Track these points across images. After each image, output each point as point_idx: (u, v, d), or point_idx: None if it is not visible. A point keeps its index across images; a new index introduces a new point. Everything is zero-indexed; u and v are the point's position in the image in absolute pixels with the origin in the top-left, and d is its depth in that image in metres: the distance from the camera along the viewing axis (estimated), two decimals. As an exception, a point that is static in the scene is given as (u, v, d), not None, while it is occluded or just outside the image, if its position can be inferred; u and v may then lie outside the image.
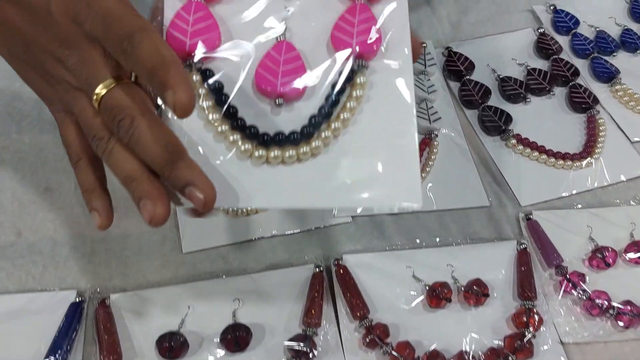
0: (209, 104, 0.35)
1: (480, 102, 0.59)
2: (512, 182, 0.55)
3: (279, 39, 0.37)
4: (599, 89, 0.62)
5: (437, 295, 0.46)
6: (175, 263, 0.48)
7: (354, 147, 0.36)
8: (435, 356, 0.44)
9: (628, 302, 0.47)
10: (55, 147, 0.53)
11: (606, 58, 0.64)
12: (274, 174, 0.35)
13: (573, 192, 0.55)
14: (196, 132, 0.35)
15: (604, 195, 0.55)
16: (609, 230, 0.52)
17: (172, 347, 0.42)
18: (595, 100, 0.60)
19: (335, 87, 0.36)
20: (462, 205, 0.53)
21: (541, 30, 0.65)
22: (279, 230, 0.50)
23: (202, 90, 0.36)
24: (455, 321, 0.46)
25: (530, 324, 0.45)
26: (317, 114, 0.36)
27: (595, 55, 0.64)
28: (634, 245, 0.51)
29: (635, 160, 0.57)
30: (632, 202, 0.54)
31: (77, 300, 0.45)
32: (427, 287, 0.47)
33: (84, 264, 0.48)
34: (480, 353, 0.45)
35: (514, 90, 0.60)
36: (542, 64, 0.63)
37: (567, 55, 0.64)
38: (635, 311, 0.47)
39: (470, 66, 0.62)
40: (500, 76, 0.61)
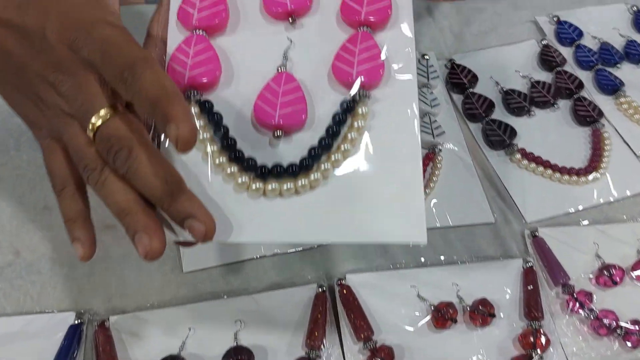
0: (207, 135, 0.35)
1: (484, 116, 0.59)
2: (517, 197, 0.54)
3: (280, 70, 0.36)
4: (603, 102, 0.61)
5: (442, 316, 0.45)
6: (175, 283, 0.47)
7: (355, 180, 0.35)
8: (440, 379, 0.43)
9: (636, 322, 0.47)
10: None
11: (610, 70, 0.63)
12: (272, 207, 0.34)
13: (579, 208, 0.54)
14: (194, 164, 0.35)
15: (610, 210, 0.54)
16: (615, 247, 0.51)
17: (173, 371, 0.42)
18: (600, 114, 0.59)
19: (336, 118, 0.35)
20: (466, 221, 0.52)
21: (545, 42, 0.65)
22: (281, 249, 0.49)
23: (201, 122, 0.35)
24: (461, 342, 0.46)
25: (537, 345, 0.45)
26: (317, 145, 0.35)
27: (599, 67, 0.63)
28: (641, 263, 0.50)
29: (641, 175, 0.56)
30: (638, 219, 0.53)
31: (76, 323, 0.44)
32: (432, 308, 0.46)
33: (83, 284, 0.47)
34: (487, 375, 0.44)
35: (518, 103, 0.59)
36: (545, 76, 0.63)
37: (571, 67, 0.64)
38: (643, 331, 0.46)
39: (474, 79, 0.61)
40: (504, 89, 0.61)
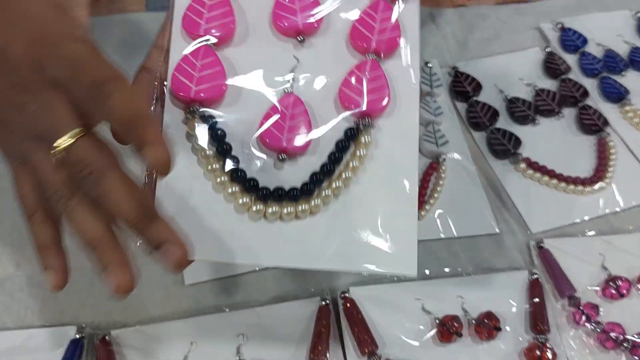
0: (210, 153, 0.34)
1: (488, 125, 0.58)
2: (522, 208, 0.54)
3: (287, 91, 0.35)
4: (608, 110, 0.61)
5: (447, 330, 0.45)
6: (177, 296, 0.47)
7: (353, 208, 0.35)
8: (446, 394, 0.43)
9: (643, 335, 0.46)
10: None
11: (615, 78, 0.63)
12: (271, 230, 0.34)
13: (585, 218, 0.53)
14: (196, 180, 0.34)
15: (616, 221, 0.54)
16: (621, 258, 0.51)
17: (175, 386, 0.41)
18: (606, 123, 0.59)
19: (339, 145, 0.35)
20: (471, 232, 0.52)
21: (549, 49, 0.64)
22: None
23: (204, 138, 0.34)
24: (467, 356, 0.45)
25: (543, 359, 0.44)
26: (319, 171, 0.34)
27: (604, 75, 0.63)
28: (648, 275, 0.49)
29: (647, 184, 0.56)
30: (645, 229, 0.53)
31: (77, 337, 0.43)
32: (437, 321, 0.46)
33: (84, 297, 0.46)
34: (493, 390, 0.44)
35: (522, 112, 0.59)
36: (550, 84, 0.62)
37: (575, 74, 0.63)
38: (651, 345, 0.45)
39: (478, 87, 0.60)
40: (508, 97, 0.60)
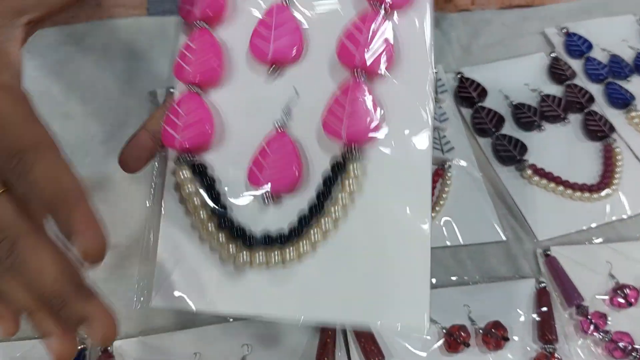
0: (197, 201, 0.33)
1: (494, 131, 0.58)
2: (528, 215, 0.53)
3: (277, 127, 0.33)
4: (614, 116, 0.60)
5: (454, 340, 0.44)
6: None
7: (346, 251, 0.31)
8: (454, 405, 0.42)
9: (652, 344, 0.46)
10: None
11: (620, 83, 0.62)
12: (258, 278, 0.32)
13: (591, 226, 0.53)
14: (183, 228, 0.33)
15: (623, 228, 0.53)
16: (629, 266, 0.50)
17: (179, 398, 0.40)
18: (612, 129, 0.58)
19: (327, 180, 0.32)
20: (477, 240, 0.51)
21: (554, 54, 0.64)
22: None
23: (191, 187, 0.33)
24: (474, 366, 0.45)
25: (552, 370, 0.44)
26: (306, 212, 0.32)
27: (609, 80, 0.62)
28: (656, 283, 0.49)
29: (654, 191, 0.55)
30: (652, 237, 0.52)
31: (79, 348, 0.43)
32: (444, 331, 0.45)
33: (86, 307, 0.46)
34: (501, 401, 0.43)
35: (527, 118, 0.58)
36: (555, 90, 0.62)
37: (580, 80, 0.63)
38: (660, 354, 0.45)
39: (483, 92, 0.60)
40: (514, 103, 0.60)
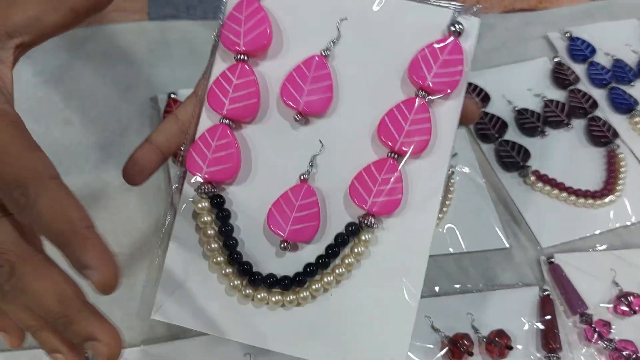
0: (211, 232, 0.34)
1: (497, 137, 0.57)
2: (531, 221, 0.53)
3: (303, 178, 0.34)
4: (617, 121, 0.60)
5: (458, 349, 0.44)
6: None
7: (341, 307, 0.33)
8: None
9: (656, 353, 0.46)
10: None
11: (624, 88, 0.62)
12: (258, 312, 0.34)
13: (595, 232, 0.53)
14: (192, 256, 0.34)
15: (626, 235, 0.53)
16: (633, 273, 0.50)
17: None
18: (615, 134, 0.58)
19: (338, 239, 0.34)
20: (480, 247, 0.51)
21: (557, 59, 0.63)
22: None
23: (207, 217, 0.34)
24: (478, 376, 0.44)
25: (556, 379, 0.43)
26: (313, 263, 0.33)
27: (613, 85, 0.62)
28: (660, 291, 0.49)
29: (658, 198, 0.55)
30: (656, 244, 0.52)
31: None
32: (447, 340, 0.45)
33: (87, 315, 0.45)
34: (505, 410, 0.43)
35: (531, 123, 0.58)
36: (559, 95, 0.61)
37: (584, 85, 0.62)
38: (664, 363, 0.45)
39: (486, 98, 0.60)
40: (517, 108, 0.59)
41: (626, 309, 0.48)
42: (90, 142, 0.54)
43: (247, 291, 0.33)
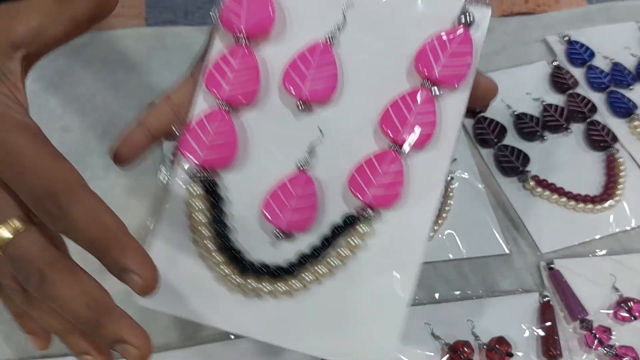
0: (204, 219, 0.33)
1: (496, 142, 0.57)
2: (531, 227, 0.53)
3: (300, 166, 0.33)
4: (616, 125, 0.60)
5: (458, 356, 0.44)
6: (181, 323, 0.45)
7: (333, 298, 0.33)
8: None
9: (657, 359, 0.46)
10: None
11: (623, 92, 0.62)
12: (248, 303, 0.33)
13: (595, 237, 0.53)
14: (181, 243, 0.34)
15: (626, 240, 0.53)
16: (633, 278, 0.50)
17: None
18: (614, 138, 0.58)
19: (334, 231, 0.33)
20: (480, 253, 0.51)
21: (556, 63, 0.63)
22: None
23: (199, 204, 0.33)
24: (478, 383, 0.44)
25: (556, 386, 0.43)
26: (308, 253, 0.33)
27: (612, 89, 0.62)
28: (660, 296, 0.49)
29: (658, 202, 0.55)
30: (656, 249, 0.52)
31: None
32: (447, 347, 0.45)
33: (87, 324, 0.45)
34: (505, 418, 0.43)
35: (530, 128, 0.58)
36: (557, 99, 0.61)
37: (582, 89, 0.62)
38: (665, 369, 0.45)
39: (485, 102, 0.60)
40: (516, 112, 0.59)
41: (626, 315, 0.48)
42: (89, 149, 0.54)
43: (236, 280, 0.32)
